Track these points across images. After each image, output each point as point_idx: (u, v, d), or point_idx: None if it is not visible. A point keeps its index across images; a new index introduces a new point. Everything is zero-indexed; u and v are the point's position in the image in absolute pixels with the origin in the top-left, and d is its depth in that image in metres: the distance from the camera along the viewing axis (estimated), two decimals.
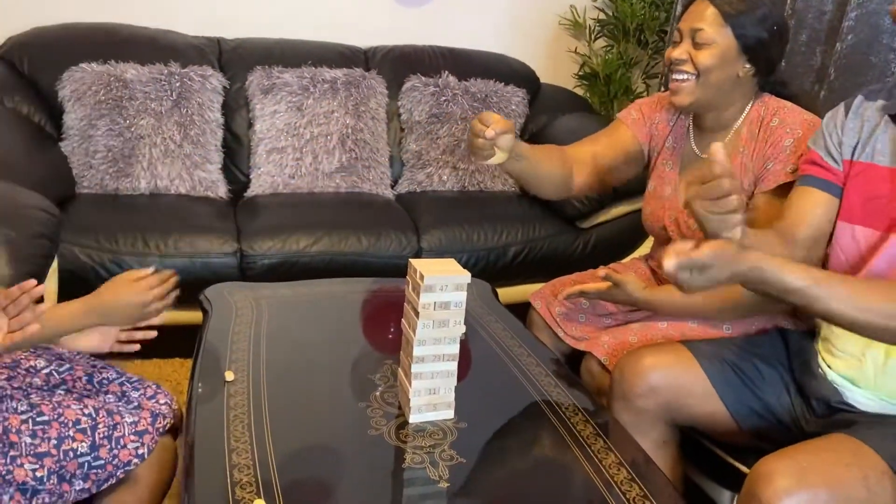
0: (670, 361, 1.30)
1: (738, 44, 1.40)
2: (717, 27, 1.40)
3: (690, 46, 1.42)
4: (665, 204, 1.58)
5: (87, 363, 1.29)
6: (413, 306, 1.13)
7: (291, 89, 2.47)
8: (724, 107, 1.48)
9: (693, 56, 1.42)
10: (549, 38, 3.09)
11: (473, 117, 2.56)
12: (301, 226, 2.20)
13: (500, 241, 2.34)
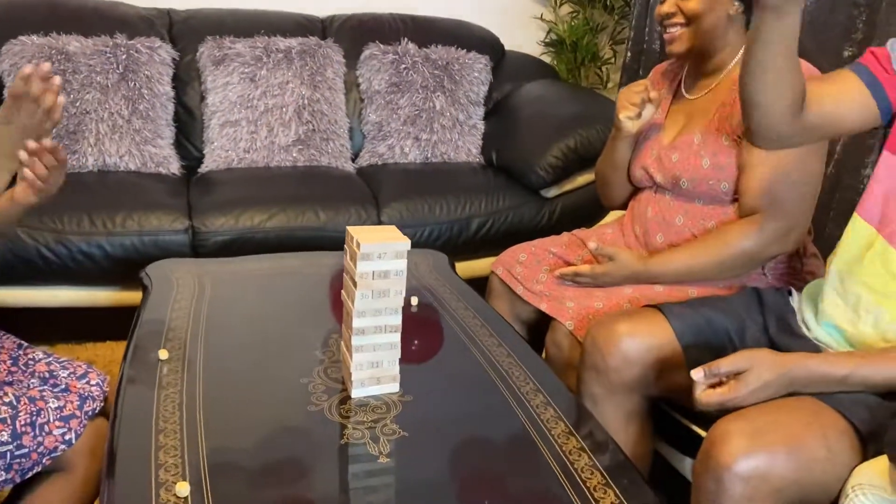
0: (644, 328, 1.24)
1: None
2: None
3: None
4: (648, 145, 1.57)
5: (13, 344, 1.22)
6: (351, 276, 1.07)
7: (244, 60, 2.38)
8: (721, 48, 1.47)
9: (681, 6, 1.43)
10: (514, 4, 3.01)
11: (435, 85, 2.53)
12: (256, 201, 2.12)
13: (463, 213, 2.28)
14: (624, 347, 1.24)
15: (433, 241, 2.24)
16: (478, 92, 2.62)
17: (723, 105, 1.44)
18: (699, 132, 1.46)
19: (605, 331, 1.27)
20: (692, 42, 1.44)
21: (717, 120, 1.43)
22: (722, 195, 1.44)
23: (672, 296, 1.42)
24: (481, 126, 2.63)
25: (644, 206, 1.56)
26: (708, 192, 1.45)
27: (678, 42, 1.45)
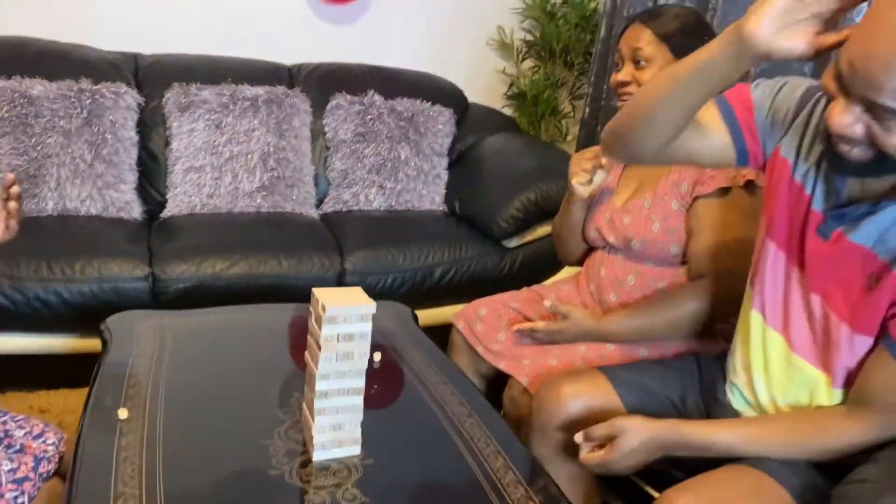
0: (588, 390, 1.29)
1: (675, 58, 1.45)
2: (654, 46, 1.46)
3: (632, 68, 1.48)
4: (601, 208, 1.62)
5: None
6: (315, 339, 1.09)
7: (210, 107, 2.39)
8: None
9: (636, 77, 1.48)
10: (478, 57, 3.09)
11: (401, 136, 2.57)
12: (218, 247, 2.12)
13: (426, 262, 2.31)
14: (568, 408, 1.28)
15: (397, 289, 2.26)
16: (442, 143, 2.67)
17: (672, 171, 1.50)
18: (649, 196, 1.52)
19: (550, 393, 1.31)
20: None
21: (666, 185, 1.49)
22: (671, 258, 1.49)
23: (624, 356, 1.47)
24: (445, 176, 2.68)
25: (598, 266, 1.61)
26: (658, 254, 1.50)
27: None
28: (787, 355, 1.12)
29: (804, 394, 1.11)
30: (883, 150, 0.89)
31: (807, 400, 1.11)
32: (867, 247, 1.00)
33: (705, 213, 1.43)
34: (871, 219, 0.99)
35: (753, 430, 1.09)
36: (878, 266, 0.98)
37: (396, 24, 2.94)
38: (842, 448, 1.03)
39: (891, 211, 0.98)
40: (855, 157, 0.93)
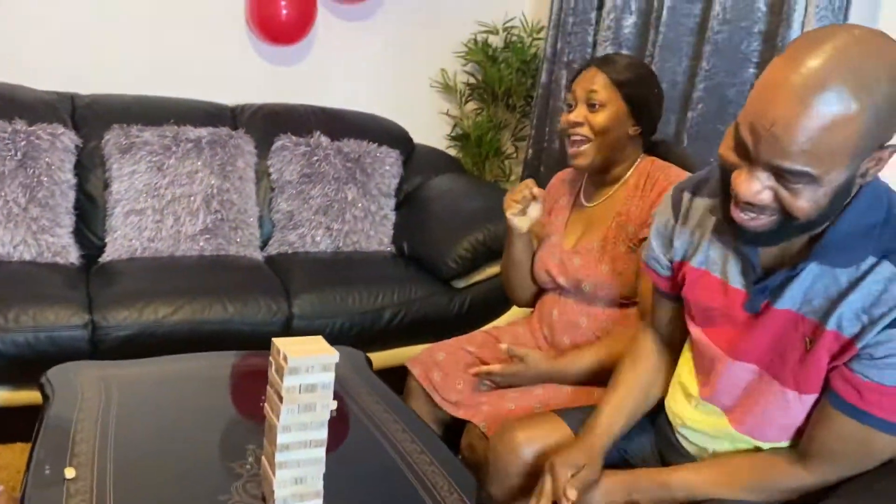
0: (543, 435, 1.29)
1: (627, 106, 1.51)
2: (609, 91, 1.51)
3: (586, 110, 1.52)
4: (551, 250, 1.63)
5: None
6: (276, 390, 1.06)
7: (152, 148, 2.34)
8: (618, 163, 1.58)
9: (589, 119, 1.52)
10: (422, 99, 3.12)
11: (347, 177, 2.56)
12: (160, 293, 2.06)
13: (375, 304, 2.28)
14: (523, 454, 1.28)
15: (346, 333, 2.23)
16: (389, 184, 2.67)
17: (619, 214, 1.54)
18: (598, 239, 1.55)
19: (505, 439, 1.31)
20: (594, 157, 1.53)
21: (614, 228, 1.53)
22: (621, 299, 1.52)
23: (579, 398, 1.48)
24: (392, 217, 2.68)
25: (550, 309, 1.63)
26: (608, 295, 1.53)
27: (583, 157, 1.54)
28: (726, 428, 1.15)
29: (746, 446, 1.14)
30: (791, 213, 0.91)
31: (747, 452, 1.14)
32: (795, 310, 1.01)
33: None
34: (793, 283, 1.01)
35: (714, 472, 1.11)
36: (810, 327, 1.00)
37: (339, 65, 2.95)
38: (792, 489, 1.07)
39: (809, 271, 0.99)
40: (755, 226, 0.94)
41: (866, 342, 0.95)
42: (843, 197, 0.93)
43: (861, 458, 1.02)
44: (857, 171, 0.90)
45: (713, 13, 2.08)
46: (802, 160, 0.85)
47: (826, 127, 0.84)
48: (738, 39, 2.05)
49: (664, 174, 1.52)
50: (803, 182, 0.88)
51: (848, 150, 0.86)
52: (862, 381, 0.97)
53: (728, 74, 2.08)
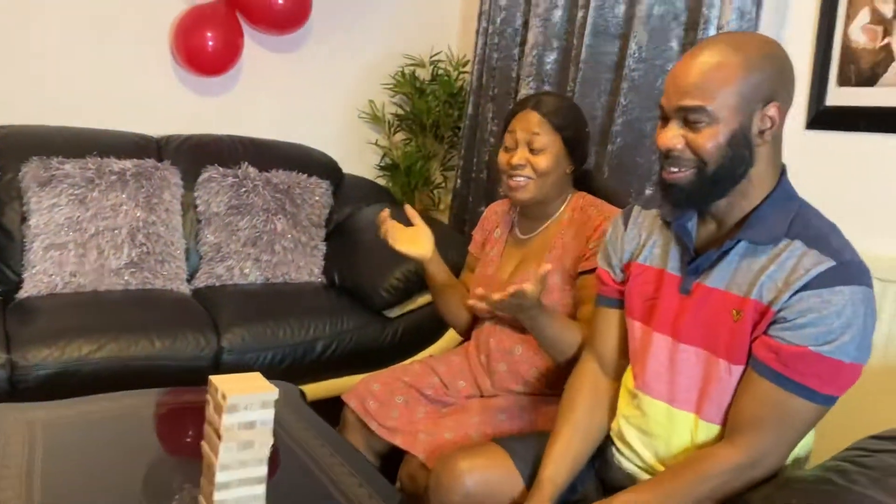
0: (485, 464, 1.32)
1: (565, 147, 1.58)
2: (549, 133, 1.57)
3: (527, 152, 1.57)
4: (487, 281, 1.67)
5: None
6: (215, 428, 1.05)
7: (74, 181, 2.29)
8: (553, 199, 1.64)
9: (531, 161, 1.57)
10: (351, 129, 3.15)
11: (276, 208, 2.56)
12: (83, 329, 2.00)
13: (307, 336, 2.28)
14: (465, 483, 1.30)
15: (277, 366, 2.21)
16: (319, 214, 2.68)
17: (554, 248, 1.59)
18: (533, 270, 1.59)
19: (446, 468, 1.33)
20: (534, 193, 1.59)
21: (548, 261, 1.58)
22: None
23: (517, 427, 1.51)
24: (323, 247, 2.68)
25: (486, 337, 1.67)
26: None
27: (524, 191, 1.58)
28: (667, 413, 1.22)
29: (685, 439, 1.21)
30: (700, 157, 1.11)
31: (687, 443, 1.21)
32: (723, 288, 1.16)
33: (588, 285, 1.51)
34: (721, 263, 1.17)
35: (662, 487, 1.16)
36: (736, 301, 1.14)
37: (267, 96, 2.95)
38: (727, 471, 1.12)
39: (735, 251, 1.16)
40: (678, 179, 1.14)
41: (781, 306, 1.09)
42: (743, 147, 1.12)
43: (782, 428, 1.11)
44: (750, 123, 1.11)
45: (629, 52, 2.19)
46: (698, 95, 1.10)
47: (712, 66, 1.10)
48: (653, 77, 2.17)
49: (597, 210, 1.59)
50: (703, 120, 1.10)
51: (733, 88, 1.09)
52: (780, 344, 1.09)
53: (644, 109, 2.19)
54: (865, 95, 1.80)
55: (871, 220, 1.77)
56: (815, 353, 1.07)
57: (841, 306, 1.05)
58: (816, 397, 1.08)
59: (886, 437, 1.14)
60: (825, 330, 1.06)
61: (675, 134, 1.14)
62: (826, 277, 1.07)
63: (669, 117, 1.15)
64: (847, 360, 1.07)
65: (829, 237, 1.11)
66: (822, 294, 1.06)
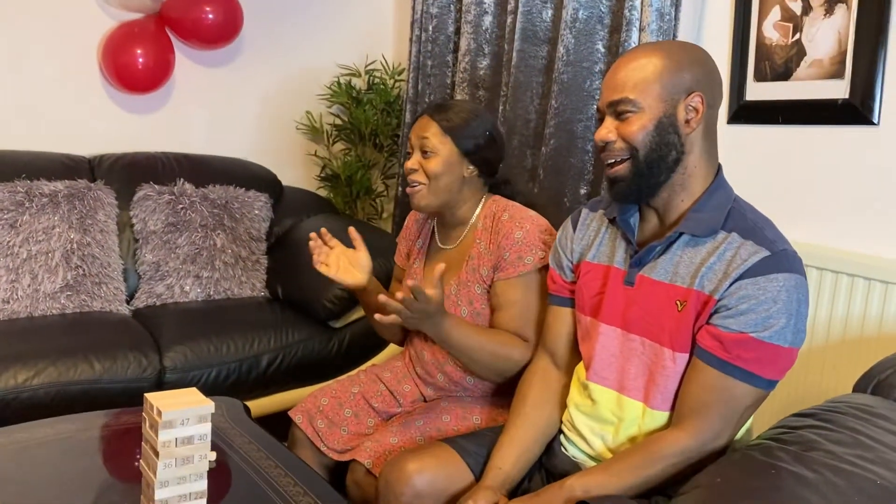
0: (434, 464, 1.34)
1: (458, 150, 1.59)
2: (439, 138, 1.59)
3: (420, 157, 1.60)
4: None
5: None
6: (152, 445, 1.05)
7: (2, 205, 2.23)
8: (459, 204, 1.64)
9: (423, 165, 1.59)
10: (289, 142, 3.14)
11: (215, 224, 2.53)
12: (19, 356, 1.95)
13: (251, 351, 2.26)
14: (415, 484, 1.32)
15: (222, 383, 2.19)
16: (259, 228, 2.67)
17: (469, 257, 1.61)
18: (455, 283, 1.62)
19: (395, 470, 1.34)
20: (430, 198, 1.60)
21: (467, 271, 1.61)
22: None
23: (460, 427, 1.54)
24: (265, 261, 2.66)
25: (420, 350, 1.69)
26: None
27: (420, 197, 1.61)
28: (617, 400, 1.28)
29: (633, 427, 1.26)
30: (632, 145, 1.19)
31: (635, 431, 1.26)
32: (667, 281, 1.22)
33: (504, 292, 1.56)
34: (664, 256, 1.23)
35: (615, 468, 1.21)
36: (680, 293, 1.20)
37: (201, 111, 2.93)
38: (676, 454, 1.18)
39: (677, 245, 1.22)
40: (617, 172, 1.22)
41: (721, 294, 1.15)
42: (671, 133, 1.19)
43: (727, 412, 1.17)
44: (674, 112, 1.19)
45: (558, 55, 2.24)
46: (624, 89, 1.19)
47: (637, 65, 1.20)
48: (581, 79, 2.22)
49: (509, 213, 1.59)
50: (630, 110, 1.19)
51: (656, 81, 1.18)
52: (723, 332, 1.15)
53: (574, 111, 2.24)
54: (781, 89, 1.88)
55: (794, 209, 1.86)
56: (755, 339, 1.13)
57: (776, 292, 1.12)
58: (759, 381, 1.15)
59: (808, 413, 1.19)
60: (763, 316, 1.12)
61: (608, 128, 1.22)
62: (762, 266, 1.13)
63: (604, 115, 1.24)
64: (785, 344, 1.13)
65: (763, 229, 1.18)
66: (758, 282, 1.12)
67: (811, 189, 1.85)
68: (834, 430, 1.10)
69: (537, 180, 2.32)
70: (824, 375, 1.74)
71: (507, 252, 1.55)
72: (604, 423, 1.29)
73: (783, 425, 1.17)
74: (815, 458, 1.02)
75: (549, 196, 2.26)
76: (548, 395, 1.40)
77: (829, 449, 1.05)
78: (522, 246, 1.54)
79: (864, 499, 0.94)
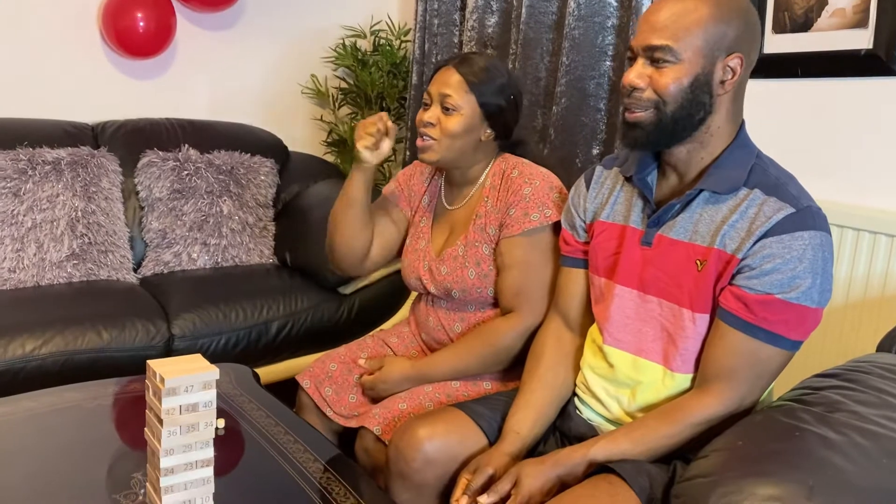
0: (445, 429, 1.31)
1: (481, 111, 1.51)
2: (462, 94, 1.50)
3: (440, 111, 1.51)
4: (420, 255, 1.63)
5: None
6: (156, 413, 1.02)
7: (5, 174, 2.20)
8: (469, 165, 1.58)
9: (442, 121, 1.51)
10: (294, 106, 3.09)
11: (221, 190, 2.50)
12: (26, 325, 1.93)
13: (260, 318, 2.24)
14: (426, 450, 1.30)
15: (231, 350, 2.17)
16: (266, 194, 2.63)
17: (476, 216, 1.56)
18: (462, 243, 1.56)
19: (406, 436, 1.32)
20: (442, 155, 1.52)
21: (474, 231, 1.55)
22: (491, 300, 1.56)
23: (470, 392, 1.51)
24: (272, 228, 2.63)
25: (425, 316, 1.65)
26: (478, 298, 1.56)
27: (430, 152, 1.52)
28: (633, 363, 1.24)
29: (651, 389, 1.23)
30: (661, 97, 1.13)
31: (653, 396, 1.23)
32: (686, 240, 1.17)
33: (508, 252, 1.50)
34: (683, 215, 1.19)
35: (639, 434, 1.18)
36: (700, 251, 1.15)
37: (204, 76, 2.87)
38: (703, 420, 1.15)
39: (697, 202, 1.18)
40: (637, 118, 1.15)
41: (744, 254, 1.11)
42: (704, 93, 1.13)
43: (753, 376, 1.13)
44: (712, 70, 1.12)
45: (569, 10, 2.17)
46: (665, 35, 1.11)
47: (683, 10, 1.11)
48: (594, 34, 2.15)
49: (518, 170, 1.53)
50: (668, 59, 1.11)
51: (700, 32, 1.11)
52: (747, 294, 1.10)
53: (586, 68, 2.18)
54: (800, 41, 1.81)
55: (813, 165, 1.80)
56: (781, 300, 1.09)
57: (801, 251, 1.07)
58: (785, 343, 1.11)
59: (830, 374, 1.16)
60: (789, 276, 1.08)
61: (640, 72, 1.15)
62: (787, 223, 1.09)
63: (637, 56, 1.16)
64: (812, 304, 1.09)
65: (787, 185, 1.13)
66: (783, 240, 1.08)
67: (831, 144, 1.79)
68: (859, 391, 1.07)
69: (548, 140, 2.27)
70: (844, 335, 1.70)
71: (513, 208, 1.49)
72: (620, 386, 1.26)
73: (805, 386, 1.14)
74: (840, 419, 0.99)
75: (559, 157, 2.21)
76: (561, 357, 1.37)
77: (855, 410, 1.01)
78: (530, 202, 1.48)
79: (892, 461, 0.90)
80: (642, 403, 1.24)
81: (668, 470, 1.15)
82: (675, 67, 1.12)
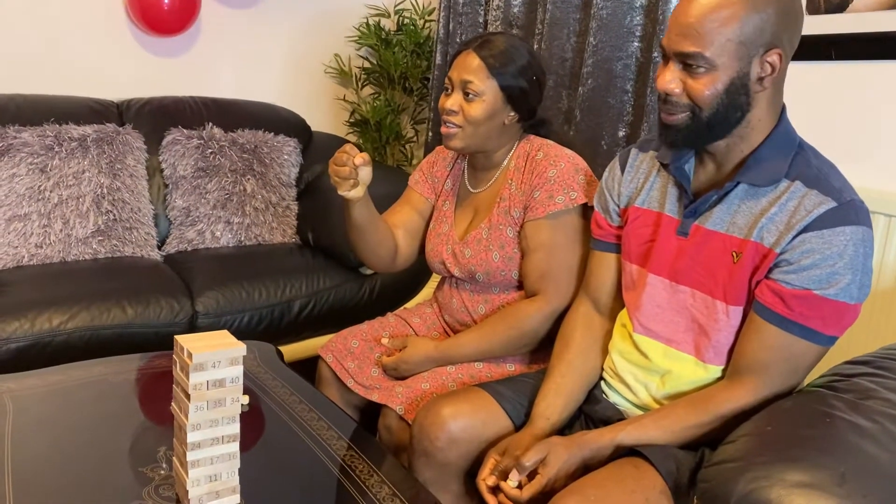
0: (469, 409, 1.31)
1: (503, 94, 1.48)
2: (484, 79, 1.46)
3: (462, 97, 1.48)
4: (443, 239, 1.62)
5: None
6: (183, 388, 1.03)
7: (32, 149, 2.22)
8: (494, 149, 1.56)
9: (464, 108, 1.48)
10: (317, 86, 3.08)
11: (245, 168, 2.50)
12: (53, 300, 1.96)
13: (283, 296, 2.25)
14: (450, 429, 1.30)
15: (254, 328, 2.19)
16: (289, 174, 2.63)
17: (500, 199, 1.54)
18: (486, 226, 1.55)
19: (430, 415, 1.32)
20: (467, 142, 1.50)
21: (498, 214, 1.54)
22: (515, 282, 1.55)
23: (493, 373, 1.51)
24: (295, 207, 2.63)
25: (449, 298, 1.65)
26: (502, 281, 1.55)
27: (455, 140, 1.50)
28: (665, 353, 1.23)
29: (682, 378, 1.22)
30: (696, 103, 1.10)
31: (683, 385, 1.22)
32: (722, 231, 1.15)
33: (533, 235, 1.49)
34: (720, 206, 1.16)
35: (668, 422, 1.17)
36: (736, 243, 1.13)
37: (228, 54, 2.87)
38: (732, 412, 1.13)
39: (734, 193, 1.15)
40: (673, 121, 1.13)
41: (783, 248, 1.08)
42: (741, 94, 1.09)
43: (787, 370, 1.11)
44: (748, 70, 1.07)
45: None
46: (697, 40, 1.06)
47: (712, 7, 1.06)
48: (622, 14, 2.12)
49: (543, 152, 1.50)
50: (701, 66, 1.07)
51: (733, 32, 1.05)
52: (784, 288, 1.08)
53: (614, 49, 2.15)
54: (836, 22, 1.77)
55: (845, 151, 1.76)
56: (819, 296, 1.06)
57: (843, 247, 1.05)
58: (820, 339, 1.09)
59: (861, 361, 1.14)
60: (828, 272, 1.05)
61: (673, 77, 1.11)
62: (828, 218, 1.06)
63: (669, 57, 1.12)
64: (851, 301, 1.07)
65: (829, 177, 1.10)
66: (823, 235, 1.05)
67: (864, 130, 1.75)
68: (891, 378, 1.05)
69: (573, 122, 2.24)
70: (874, 321, 1.67)
71: (537, 191, 1.48)
72: (650, 373, 1.25)
73: (835, 373, 1.12)
74: (872, 406, 0.98)
75: (585, 139, 2.19)
76: (591, 341, 1.36)
77: (887, 397, 1.00)
78: (555, 184, 1.46)
79: None
80: (671, 391, 1.23)
81: (695, 455, 1.15)
82: (710, 74, 1.08)
